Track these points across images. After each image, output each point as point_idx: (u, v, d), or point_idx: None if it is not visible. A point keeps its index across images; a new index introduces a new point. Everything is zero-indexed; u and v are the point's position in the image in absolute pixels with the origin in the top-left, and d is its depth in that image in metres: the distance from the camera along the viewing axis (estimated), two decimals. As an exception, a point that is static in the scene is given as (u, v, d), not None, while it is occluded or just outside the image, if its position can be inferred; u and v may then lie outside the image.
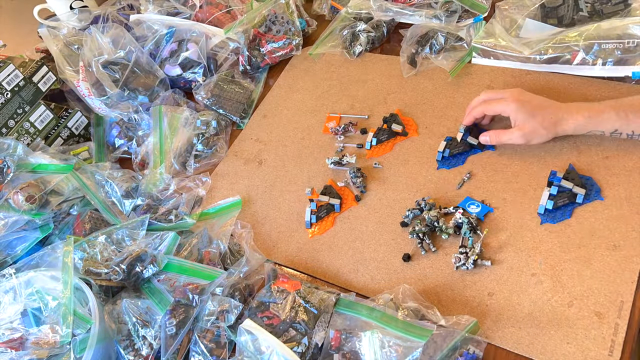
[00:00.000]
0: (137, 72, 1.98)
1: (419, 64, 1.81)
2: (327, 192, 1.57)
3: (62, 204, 1.68)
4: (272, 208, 1.63)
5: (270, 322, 1.28)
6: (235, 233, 1.56)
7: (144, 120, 1.90)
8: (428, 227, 1.38)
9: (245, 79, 2.03)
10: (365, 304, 1.26)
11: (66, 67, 1.99)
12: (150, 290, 1.40)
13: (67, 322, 1.29)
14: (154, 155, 1.81)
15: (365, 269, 1.40)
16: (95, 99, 1.94)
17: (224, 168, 1.80)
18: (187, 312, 1.31)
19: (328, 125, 1.75)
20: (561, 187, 1.33)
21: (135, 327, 1.32)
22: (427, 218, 1.38)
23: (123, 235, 1.52)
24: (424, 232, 1.37)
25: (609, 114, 1.29)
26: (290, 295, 1.31)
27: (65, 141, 1.97)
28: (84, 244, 1.48)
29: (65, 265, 1.38)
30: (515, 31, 1.69)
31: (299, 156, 1.73)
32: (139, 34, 2.11)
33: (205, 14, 2.11)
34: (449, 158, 1.53)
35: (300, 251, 1.50)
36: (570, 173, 1.35)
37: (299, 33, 2.03)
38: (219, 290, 1.36)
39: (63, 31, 2.12)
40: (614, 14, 1.57)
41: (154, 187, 1.72)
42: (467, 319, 1.20)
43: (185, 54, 2.01)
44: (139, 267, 1.41)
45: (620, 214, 1.28)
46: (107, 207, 1.68)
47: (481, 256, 1.31)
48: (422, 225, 1.38)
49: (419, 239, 1.37)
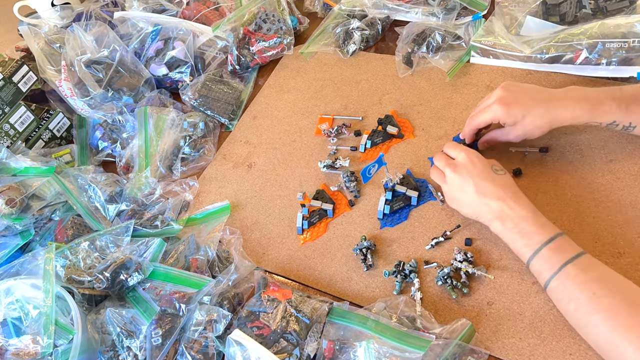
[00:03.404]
0: (122, 72, 1.98)
1: (416, 64, 1.81)
2: (320, 196, 1.57)
3: (44, 209, 1.67)
4: (262, 213, 1.63)
5: (260, 332, 1.28)
6: (223, 239, 1.56)
7: (129, 122, 1.90)
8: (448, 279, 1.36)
9: (234, 79, 2.03)
10: (360, 313, 1.26)
11: (47, 67, 1.98)
12: (135, 299, 1.40)
13: (49, 333, 1.28)
14: (139, 158, 1.81)
15: (359, 277, 1.40)
16: (77, 99, 1.94)
17: (212, 172, 1.80)
18: (173, 321, 1.31)
19: (320, 127, 1.75)
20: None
21: (120, 337, 1.32)
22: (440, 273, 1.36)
23: (107, 241, 1.52)
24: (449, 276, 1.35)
25: (609, 105, 1.26)
26: (281, 304, 1.31)
27: (47, 144, 1.97)
28: (66, 251, 1.48)
29: (47, 273, 1.38)
30: (515, 29, 1.69)
31: (290, 159, 1.73)
32: (124, 32, 2.11)
33: (193, 11, 2.11)
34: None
35: (292, 258, 1.50)
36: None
37: (290, 31, 2.03)
38: (207, 299, 1.36)
39: (44, 29, 2.12)
40: (618, 12, 1.58)
41: (139, 192, 1.71)
42: (463, 323, 1.20)
43: (172, 52, 2.01)
44: (123, 274, 1.40)
45: (624, 220, 1.28)
46: (90, 212, 1.68)
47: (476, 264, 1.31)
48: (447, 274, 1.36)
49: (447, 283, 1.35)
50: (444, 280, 1.29)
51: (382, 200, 1.49)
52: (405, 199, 1.48)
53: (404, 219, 1.47)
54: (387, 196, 1.48)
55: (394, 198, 1.49)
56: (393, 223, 1.48)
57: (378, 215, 1.50)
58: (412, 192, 1.48)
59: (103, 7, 2.24)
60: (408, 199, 1.48)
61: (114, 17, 2.13)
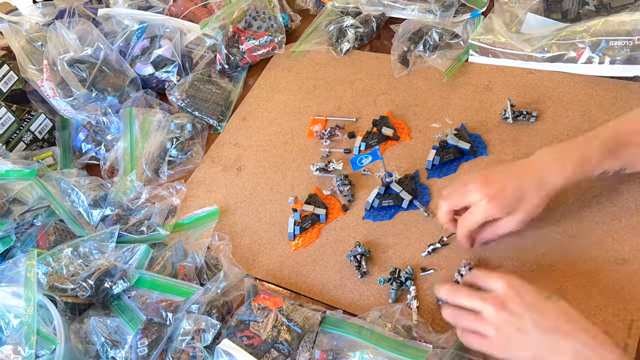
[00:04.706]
0: (106, 71, 1.98)
1: (412, 63, 1.81)
2: (312, 201, 1.57)
3: (25, 214, 1.67)
4: (252, 218, 1.63)
5: (250, 342, 1.28)
6: (212, 245, 1.55)
7: (113, 124, 1.90)
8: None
9: (223, 78, 2.03)
10: (354, 322, 1.27)
11: (29, 66, 1.98)
12: (120, 307, 1.40)
13: (30, 343, 1.28)
14: (124, 161, 1.80)
15: (353, 285, 1.40)
16: (60, 100, 1.94)
17: (200, 175, 1.80)
18: (160, 331, 1.30)
19: (313, 129, 1.75)
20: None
21: (104, 347, 1.31)
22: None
23: (91, 248, 1.52)
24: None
25: (596, 158, 1.19)
26: (272, 313, 1.31)
27: (28, 146, 1.96)
28: (48, 258, 1.47)
29: (28, 281, 1.38)
30: (516, 27, 1.70)
31: (281, 162, 1.74)
32: (108, 30, 2.11)
33: (180, 8, 2.11)
34: (439, 166, 1.53)
35: (283, 265, 1.50)
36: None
37: (282, 29, 2.03)
38: (195, 308, 1.36)
39: (25, 26, 2.12)
40: (623, 8, 1.58)
41: (124, 196, 1.71)
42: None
43: (158, 51, 2.01)
44: (108, 282, 1.40)
45: (629, 225, 1.28)
46: (73, 217, 1.68)
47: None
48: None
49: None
50: None
51: (374, 193, 1.50)
52: (396, 199, 1.48)
53: (388, 218, 1.49)
54: (380, 190, 1.49)
55: (386, 194, 1.49)
56: (376, 219, 1.49)
57: (365, 206, 1.51)
58: (406, 194, 1.48)
59: (87, 4, 2.24)
60: (400, 200, 1.48)
61: (98, 14, 2.13)
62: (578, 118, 1.50)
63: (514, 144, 1.52)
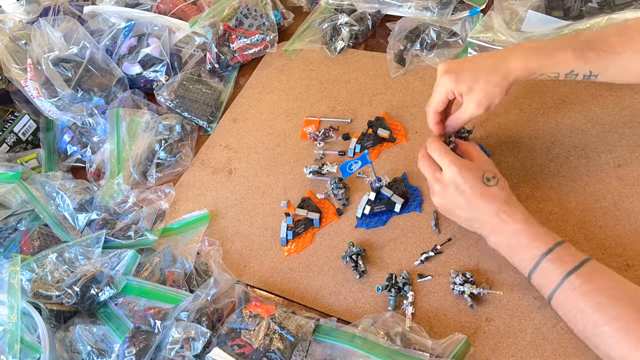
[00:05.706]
0: (92, 71, 1.97)
1: (408, 62, 1.81)
2: (305, 205, 1.57)
3: (9, 218, 1.67)
4: (244, 223, 1.63)
5: (241, 351, 1.27)
6: (202, 251, 1.55)
7: (100, 125, 1.89)
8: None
9: (213, 78, 2.03)
10: (348, 331, 1.26)
11: (12, 65, 1.98)
12: (107, 315, 1.40)
13: (14, 351, 1.28)
14: (111, 163, 1.80)
15: (347, 291, 1.40)
16: (45, 100, 1.94)
17: (189, 178, 1.80)
18: (148, 339, 1.30)
19: (306, 130, 1.75)
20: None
21: (90, 356, 1.31)
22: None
23: (76, 253, 1.51)
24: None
25: (564, 53, 1.25)
26: (264, 320, 1.31)
27: (12, 148, 1.96)
28: (32, 264, 1.47)
29: (12, 288, 1.37)
30: (516, 25, 1.69)
31: (273, 165, 1.73)
32: (94, 28, 2.10)
33: (168, 5, 2.11)
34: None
35: (275, 271, 1.50)
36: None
37: (274, 27, 2.03)
38: (184, 315, 1.35)
39: (9, 24, 2.11)
40: (627, 5, 1.58)
41: (110, 200, 1.71)
42: (458, 337, 1.20)
43: (146, 50, 2.01)
44: (94, 289, 1.40)
45: (633, 230, 1.28)
46: (58, 222, 1.67)
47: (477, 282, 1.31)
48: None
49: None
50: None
51: (364, 200, 1.50)
52: (388, 203, 1.48)
53: (381, 224, 1.48)
54: (371, 196, 1.49)
55: (377, 200, 1.49)
56: (370, 225, 1.49)
57: (357, 214, 1.51)
58: (398, 198, 1.48)
59: (72, 1, 2.24)
60: (392, 205, 1.48)
61: (84, 12, 2.13)
62: (581, 119, 1.50)
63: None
